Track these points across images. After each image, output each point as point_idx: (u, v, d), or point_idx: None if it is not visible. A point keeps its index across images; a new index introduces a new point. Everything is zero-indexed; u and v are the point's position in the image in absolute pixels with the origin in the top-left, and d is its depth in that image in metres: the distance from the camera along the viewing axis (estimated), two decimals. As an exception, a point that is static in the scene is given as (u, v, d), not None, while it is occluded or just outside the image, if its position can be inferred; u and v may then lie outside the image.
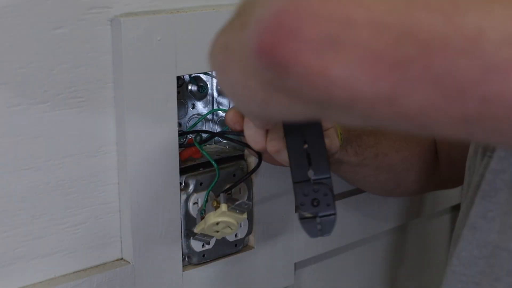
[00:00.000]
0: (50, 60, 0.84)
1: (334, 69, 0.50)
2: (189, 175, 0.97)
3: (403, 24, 0.48)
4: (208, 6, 0.94)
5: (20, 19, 0.81)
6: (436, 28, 0.47)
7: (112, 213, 0.93)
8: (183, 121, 1.01)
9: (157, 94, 0.91)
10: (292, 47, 0.52)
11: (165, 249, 0.95)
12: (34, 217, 0.87)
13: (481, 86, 0.47)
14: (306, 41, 0.51)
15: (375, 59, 0.49)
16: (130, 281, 0.93)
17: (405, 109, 0.50)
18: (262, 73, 0.57)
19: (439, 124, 0.50)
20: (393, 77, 0.49)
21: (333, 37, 0.50)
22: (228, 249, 1.02)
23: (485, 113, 0.48)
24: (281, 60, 0.52)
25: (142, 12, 0.90)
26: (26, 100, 0.83)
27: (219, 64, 0.66)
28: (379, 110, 0.51)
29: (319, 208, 0.77)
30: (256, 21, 0.55)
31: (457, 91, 0.48)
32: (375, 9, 0.49)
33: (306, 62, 0.51)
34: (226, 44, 0.63)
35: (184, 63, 0.92)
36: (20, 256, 0.87)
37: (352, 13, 0.50)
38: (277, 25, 0.52)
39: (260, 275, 1.07)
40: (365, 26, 0.49)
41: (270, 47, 0.53)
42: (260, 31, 0.54)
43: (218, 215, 0.92)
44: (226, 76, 0.64)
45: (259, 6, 0.56)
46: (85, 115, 0.88)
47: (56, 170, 0.87)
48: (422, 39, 0.48)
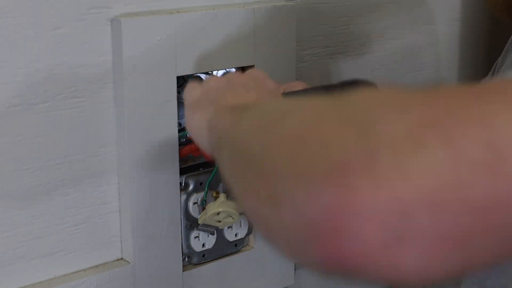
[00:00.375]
0: (50, 60, 0.84)
1: (404, 263, 0.47)
2: (189, 175, 0.97)
3: (457, 199, 0.45)
4: (208, 6, 0.94)
5: (20, 19, 0.81)
6: (487, 187, 0.45)
7: (112, 213, 0.93)
8: (183, 121, 1.01)
9: (157, 94, 0.91)
10: (357, 249, 0.47)
11: (165, 249, 0.95)
12: (34, 217, 0.87)
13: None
14: (370, 241, 0.46)
15: (441, 241, 0.46)
16: (130, 281, 0.93)
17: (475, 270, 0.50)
18: (317, 266, 0.50)
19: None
20: (461, 251, 0.47)
21: (395, 231, 0.46)
22: (228, 249, 1.02)
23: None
24: (346, 264, 0.47)
25: (142, 12, 0.90)
26: (26, 100, 0.83)
27: (251, 206, 0.56)
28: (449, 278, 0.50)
29: None
30: (305, 222, 0.48)
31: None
32: (425, 187, 0.46)
33: (374, 262, 0.47)
34: (270, 201, 0.52)
35: (184, 63, 0.92)
36: (20, 256, 0.87)
37: (406, 199, 0.45)
38: (334, 228, 0.46)
39: (260, 275, 1.07)
40: (423, 211, 0.46)
41: (332, 254, 0.48)
42: (316, 235, 0.48)
43: (218, 205, 0.94)
44: (257, 218, 0.56)
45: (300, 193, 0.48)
46: (85, 115, 0.88)
47: (56, 170, 0.87)
48: (477, 205, 0.45)
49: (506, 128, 0.45)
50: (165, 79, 0.91)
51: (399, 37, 1.21)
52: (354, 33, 1.15)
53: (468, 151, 0.45)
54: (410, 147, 0.45)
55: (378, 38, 1.18)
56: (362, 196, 0.45)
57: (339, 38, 1.13)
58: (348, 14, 1.13)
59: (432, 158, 0.45)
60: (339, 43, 1.13)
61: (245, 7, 0.97)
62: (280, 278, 1.10)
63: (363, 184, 0.45)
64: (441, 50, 1.05)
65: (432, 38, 1.25)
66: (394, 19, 1.20)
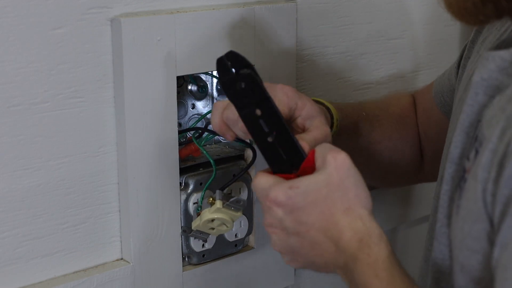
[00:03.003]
0: (50, 60, 0.84)
1: None
2: (189, 175, 0.97)
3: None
4: (208, 6, 0.94)
5: (20, 19, 0.81)
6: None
7: (112, 213, 0.93)
8: (183, 121, 1.01)
9: (157, 94, 0.91)
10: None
11: (165, 249, 0.95)
12: (34, 217, 0.87)
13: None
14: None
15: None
16: (130, 281, 0.93)
17: None
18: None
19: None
20: None
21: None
22: (228, 249, 1.02)
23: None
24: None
25: (142, 12, 0.90)
26: (26, 100, 0.83)
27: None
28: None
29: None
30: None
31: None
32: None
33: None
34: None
35: (184, 63, 0.92)
36: (20, 256, 0.87)
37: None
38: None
39: (260, 275, 1.07)
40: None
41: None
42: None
43: (213, 212, 0.92)
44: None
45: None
46: (85, 115, 0.88)
47: (56, 170, 0.87)
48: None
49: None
50: (165, 79, 0.91)
51: (399, 37, 1.21)
52: (354, 33, 1.15)
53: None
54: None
55: (378, 38, 1.18)
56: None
57: (339, 38, 1.13)
58: (348, 14, 1.13)
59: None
60: (339, 43, 1.13)
61: (245, 7, 0.97)
62: (280, 278, 1.10)
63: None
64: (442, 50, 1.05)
65: (432, 38, 1.25)
66: (394, 19, 1.20)
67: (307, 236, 0.76)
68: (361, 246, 0.74)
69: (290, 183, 0.76)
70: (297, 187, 0.75)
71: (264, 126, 0.78)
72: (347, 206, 0.75)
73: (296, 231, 0.77)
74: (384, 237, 0.74)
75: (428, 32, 1.25)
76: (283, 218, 0.77)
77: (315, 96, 1.12)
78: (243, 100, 0.77)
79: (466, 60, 0.94)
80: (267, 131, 0.78)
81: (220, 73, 0.77)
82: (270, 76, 1.01)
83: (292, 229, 0.77)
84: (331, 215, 0.75)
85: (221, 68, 0.77)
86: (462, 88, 0.87)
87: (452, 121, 0.88)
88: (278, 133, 0.78)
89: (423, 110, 1.07)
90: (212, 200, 0.95)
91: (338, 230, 0.75)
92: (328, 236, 0.75)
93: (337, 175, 0.75)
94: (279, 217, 0.77)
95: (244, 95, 0.77)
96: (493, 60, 0.75)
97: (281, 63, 1.03)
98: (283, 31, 1.02)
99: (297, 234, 0.77)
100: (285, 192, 0.75)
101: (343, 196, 0.75)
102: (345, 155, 0.76)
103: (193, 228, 0.94)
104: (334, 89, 1.14)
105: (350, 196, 0.75)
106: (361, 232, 0.74)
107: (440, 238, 0.81)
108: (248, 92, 0.76)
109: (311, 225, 0.76)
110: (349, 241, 0.74)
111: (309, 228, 0.76)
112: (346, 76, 1.16)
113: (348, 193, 0.75)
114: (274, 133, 0.78)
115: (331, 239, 0.75)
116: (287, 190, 0.75)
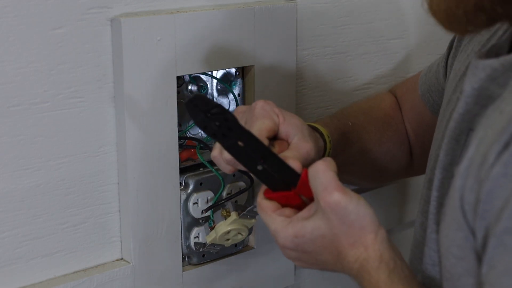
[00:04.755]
0: (50, 60, 0.84)
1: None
2: (189, 175, 0.97)
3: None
4: (208, 6, 0.94)
5: (20, 19, 0.81)
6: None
7: (112, 213, 0.93)
8: (183, 121, 1.01)
9: (157, 94, 0.91)
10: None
11: (165, 249, 0.95)
12: (34, 217, 0.87)
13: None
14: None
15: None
16: (130, 281, 0.93)
17: None
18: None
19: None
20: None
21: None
22: (228, 249, 1.02)
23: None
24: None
25: (142, 12, 0.90)
26: (26, 100, 0.83)
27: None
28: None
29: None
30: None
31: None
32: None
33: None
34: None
35: (184, 63, 0.92)
36: (20, 256, 0.87)
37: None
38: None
39: (260, 275, 1.07)
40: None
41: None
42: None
43: (230, 223, 0.93)
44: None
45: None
46: (85, 115, 0.88)
47: (56, 170, 0.87)
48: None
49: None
50: (165, 79, 0.91)
51: (399, 37, 1.21)
52: (354, 33, 1.15)
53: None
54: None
55: (378, 38, 1.18)
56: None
57: (339, 38, 1.13)
58: (348, 14, 1.13)
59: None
60: (339, 43, 1.13)
61: (245, 7, 0.97)
62: (280, 278, 1.10)
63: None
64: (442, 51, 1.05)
65: (432, 38, 1.25)
66: (394, 19, 1.20)
67: (325, 265, 0.81)
68: (363, 274, 0.76)
69: (295, 229, 0.78)
70: (302, 236, 0.78)
71: (251, 154, 0.79)
72: (352, 241, 0.77)
73: (315, 263, 0.81)
74: (385, 256, 0.76)
75: (428, 32, 1.25)
76: (299, 256, 0.81)
77: (315, 96, 1.12)
78: (223, 136, 0.78)
79: (453, 59, 0.93)
80: (255, 158, 0.79)
81: (192, 115, 0.77)
82: (270, 76, 1.01)
83: (311, 262, 0.81)
84: (339, 253, 0.77)
85: (191, 111, 0.77)
86: (450, 89, 0.87)
87: (440, 121, 0.87)
88: (266, 159, 0.79)
89: (410, 108, 1.07)
90: (227, 213, 0.96)
91: (347, 263, 0.77)
92: (340, 267, 0.79)
93: (336, 218, 0.76)
94: (294, 256, 0.81)
95: (221, 132, 0.77)
96: (483, 70, 0.74)
97: (281, 63, 1.03)
98: (283, 31, 1.02)
99: (316, 265, 0.82)
100: (291, 240, 0.79)
101: (347, 233, 0.77)
102: (338, 197, 0.76)
103: (208, 242, 0.95)
104: (334, 89, 1.14)
105: (354, 231, 0.76)
106: (363, 259, 0.76)
107: (430, 244, 0.81)
108: (225, 129, 0.77)
109: (325, 261, 0.80)
110: (356, 271, 0.77)
111: (324, 263, 0.80)
112: (346, 76, 1.16)
113: (351, 230, 0.76)
114: (261, 161, 0.79)
115: (343, 269, 0.79)
116: (293, 239, 0.79)
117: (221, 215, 0.97)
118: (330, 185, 0.76)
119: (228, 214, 0.96)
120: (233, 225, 0.93)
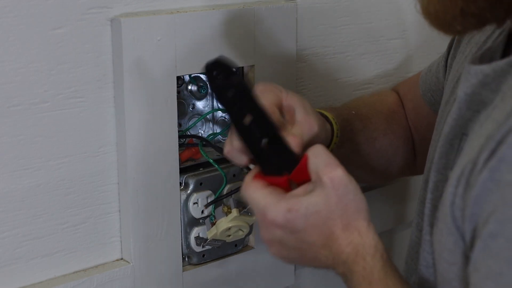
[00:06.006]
0: (50, 60, 0.84)
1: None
2: (189, 175, 0.97)
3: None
4: (208, 6, 0.94)
5: (20, 19, 0.81)
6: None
7: (112, 213, 0.93)
8: (183, 121, 1.01)
9: (157, 94, 0.91)
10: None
11: (165, 249, 0.95)
12: (34, 217, 0.87)
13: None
14: None
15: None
16: (130, 281, 0.93)
17: None
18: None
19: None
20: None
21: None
22: (228, 249, 1.02)
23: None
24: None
25: (142, 12, 0.90)
26: (26, 100, 0.83)
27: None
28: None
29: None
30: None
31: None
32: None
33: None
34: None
35: (184, 63, 0.93)
36: (20, 256, 0.87)
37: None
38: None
39: (260, 275, 1.07)
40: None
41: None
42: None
43: (231, 220, 0.94)
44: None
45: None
46: (85, 115, 0.88)
47: (56, 170, 0.87)
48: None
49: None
50: (165, 79, 0.91)
51: (399, 37, 1.21)
52: (354, 33, 1.15)
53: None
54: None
55: (378, 38, 1.18)
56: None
57: (339, 38, 1.13)
58: (348, 14, 1.13)
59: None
60: (339, 43, 1.13)
61: (245, 7, 0.97)
62: (280, 278, 1.10)
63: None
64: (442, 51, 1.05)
65: (432, 38, 1.25)
66: (394, 19, 1.20)
67: (308, 251, 0.77)
68: (357, 259, 0.75)
69: (289, 204, 0.75)
70: (296, 210, 0.75)
71: (256, 130, 0.78)
72: (346, 222, 0.75)
73: (297, 248, 0.77)
74: (379, 247, 0.75)
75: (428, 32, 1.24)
76: (283, 237, 0.77)
77: (315, 96, 1.12)
78: (233, 106, 0.77)
79: (452, 60, 0.94)
80: (259, 135, 0.78)
81: (209, 78, 0.77)
82: (270, 76, 1.01)
83: (293, 246, 0.77)
84: (332, 233, 0.75)
85: (210, 74, 0.77)
86: (449, 90, 0.87)
87: (438, 122, 0.88)
88: (270, 137, 0.78)
89: (412, 107, 1.07)
90: (228, 210, 0.96)
91: (338, 245, 0.75)
92: (328, 251, 0.76)
93: (335, 194, 0.74)
94: (278, 237, 0.77)
95: (234, 102, 0.76)
96: (475, 75, 0.74)
97: (281, 63, 1.03)
98: (283, 31, 1.02)
99: (298, 250, 0.78)
100: (283, 215, 0.75)
101: (343, 214, 0.75)
102: (341, 172, 0.75)
103: (209, 238, 0.96)
104: (334, 89, 1.14)
105: (349, 212, 0.75)
106: (358, 244, 0.75)
107: (424, 246, 0.81)
108: (238, 99, 0.76)
109: (312, 243, 0.76)
110: (347, 255, 0.75)
111: (310, 246, 0.77)
112: (346, 76, 1.16)
113: (347, 210, 0.75)
114: (266, 138, 0.77)
115: (330, 253, 0.76)
116: (285, 213, 0.75)
117: (222, 211, 0.97)
118: (334, 162, 0.75)
119: (229, 211, 0.97)
120: (234, 222, 0.94)
